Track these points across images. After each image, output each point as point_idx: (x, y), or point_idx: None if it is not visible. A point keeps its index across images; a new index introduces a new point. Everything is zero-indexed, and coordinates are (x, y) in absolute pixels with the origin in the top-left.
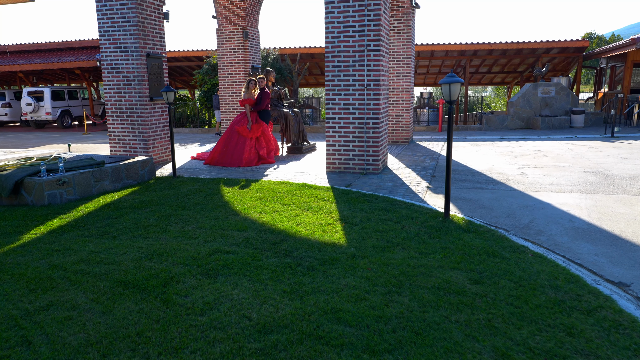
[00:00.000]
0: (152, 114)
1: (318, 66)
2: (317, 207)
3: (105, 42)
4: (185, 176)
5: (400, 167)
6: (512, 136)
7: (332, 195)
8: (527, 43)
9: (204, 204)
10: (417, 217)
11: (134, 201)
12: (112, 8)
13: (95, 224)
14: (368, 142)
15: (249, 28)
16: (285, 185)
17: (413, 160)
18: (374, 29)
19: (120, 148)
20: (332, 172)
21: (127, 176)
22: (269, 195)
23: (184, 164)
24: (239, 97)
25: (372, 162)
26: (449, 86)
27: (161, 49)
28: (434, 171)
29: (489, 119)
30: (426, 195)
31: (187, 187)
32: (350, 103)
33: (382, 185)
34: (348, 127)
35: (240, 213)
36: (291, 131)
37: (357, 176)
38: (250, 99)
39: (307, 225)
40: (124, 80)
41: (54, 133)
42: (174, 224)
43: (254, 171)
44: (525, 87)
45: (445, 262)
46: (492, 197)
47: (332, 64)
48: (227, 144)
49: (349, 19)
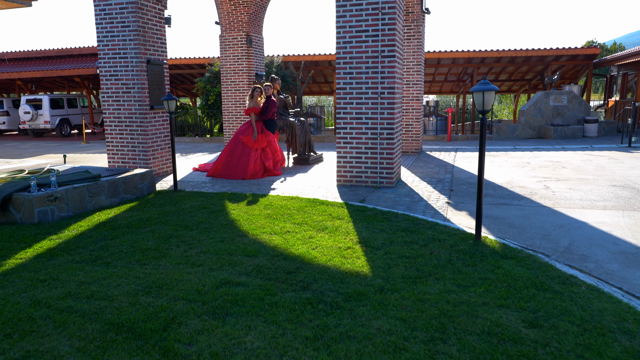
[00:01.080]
0: (153, 124)
1: (322, 74)
2: (333, 227)
3: (104, 48)
4: (187, 190)
5: (415, 180)
6: (525, 146)
7: (347, 212)
8: (536, 50)
9: (208, 223)
10: (445, 240)
11: (132, 219)
12: (111, 12)
13: (88, 246)
14: (382, 154)
15: (252, 34)
16: (295, 200)
17: (426, 172)
18: (388, 34)
19: (118, 159)
20: (344, 186)
21: (125, 190)
22: (279, 213)
23: (185, 175)
24: (242, 106)
25: (386, 175)
26: (482, 94)
27: (162, 55)
28: (451, 184)
29: (499, 128)
30: (448, 212)
31: (189, 203)
32: (363, 112)
33: (399, 200)
34: (360, 137)
35: (248, 234)
36: (297, 141)
37: (370, 190)
38: (256, 107)
39: (324, 249)
40: (123, 88)
41: (52, 142)
42: (175, 248)
43: (260, 184)
44: (537, 95)
45: (489, 298)
46: (520, 214)
47: (344, 70)
48: (231, 155)
49: (361, 23)
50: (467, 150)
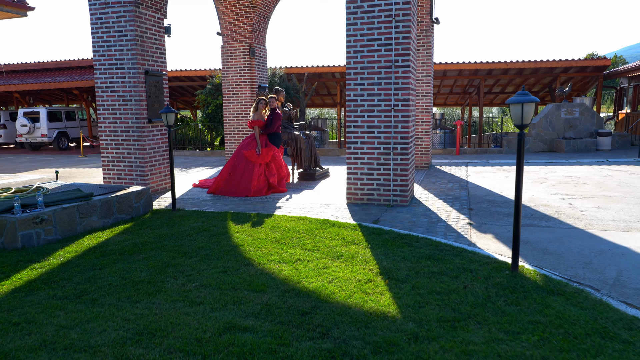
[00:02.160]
0: (151, 138)
1: (325, 86)
2: (348, 253)
3: (100, 58)
4: (186, 209)
5: (429, 197)
6: (538, 160)
7: (361, 236)
8: (544, 62)
9: (209, 249)
10: (477, 270)
11: (125, 244)
12: (107, 21)
13: (74, 277)
14: (395, 170)
15: (255, 45)
16: (303, 221)
17: (440, 188)
18: (402, 43)
19: (114, 175)
20: (354, 204)
21: (119, 210)
22: (287, 236)
23: (185, 192)
24: (244, 119)
25: (399, 193)
26: (522, 107)
27: (161, 66)
28: (469, 202)
29: (509, 141)
30: (472, 235)
31: (188, 224)
32: (375, 126)
33: (416, 221)
34: (372, 152)
35: (254, 263)
36: (303, 156)
37: (383, 209)
38: (260, 120)
39: (341, 282)
40: (119, 100)
41: (49, 156)
42: (171, 280)
43: (264, 202)
44: (548, 107)
45: (547, 350)
46: (552, 237)
47: (355, 81)
48: (234, 171)
49: (373, 31)
50: (478, 164)
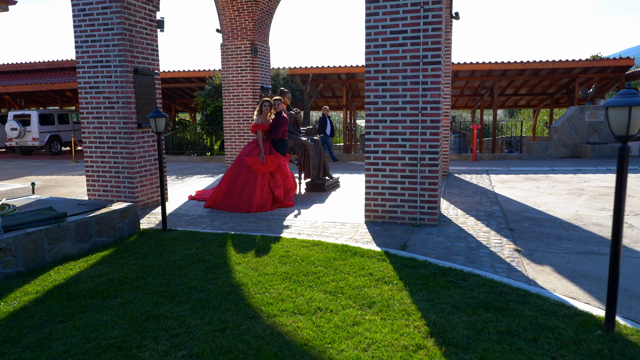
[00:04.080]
0: (141, 145)
1: (330, 88)
2: (382, 299)
3: (83, 55)
4: (179, 228)
5: (458, 213)
6: (564, 167)
7: (392, 270)
8: (563, 62)
9: (203, 289)
10: (558, 329)
11: (100, 280)
12: (91, 13)
13: (23, 337)
14: (423, 184)
15: (258, 43)
16: (318, 248)
17: (467, 202)
18: (432, 35)
19: (99, 187)
20: (374, 223)
21: (98, 232)
22: (300, 270)
23: (179, 206)
24: (246, 122)
25: (427, 211)
26: (629, 111)
27: (153, 64)
28: (507, 221)
29: (529, 146)
30: (526, 267)
31: (180, 251)
32: (399, 132)
33: (451, 246)
34: (396, 163)
35: (261, 314)
36: (311, 164)
37: (408, 229)
38: (264, 124)
39: (381, 350)
40: (105, 103)
41: (39, 161)
42: (151, 344)
43: (269, 220)
44: (570, 110)
45: None
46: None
47: (375, 81)
48: (234, 182)
49: (398, 22)
50: (500, 172)
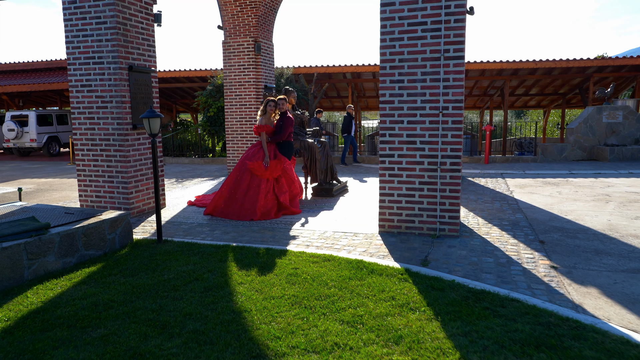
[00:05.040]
0: (136, 147)
1: (335, 87)
2: (410, 332)
3: (74, 51)
4: (175, 239)
5: (479, 222)
6: (583, 171)
7: (417, 292)
8: (577, 61)
9: (199, 318)
10: None
11: (82, 304)
12: (83, 5)
13: None
14: (443, 191)
15: (261, 40)
16: (330, 264)
17: (487, 210)
18: (454, 27)
19: (92, 192)
20: (389, 233)
21: (86, 245)
22: (312, 293)
23: (177, 213)
24: (249, 123)
25: (448, 221)
26: None
27: (149, 61)
28: (534, 231)
29: (545, 148)
30: (568, 289)
31: (175, 268)
32: (418, 134)
33: (479, 262)
34: (413, 168)
35: (267, 354)
36: (318, 167)
37: (427, 241)
38: (269, 125)
39: None
40: (97, 102)
41: (36, 163)
42: None
43: (274, 229)
44: (587, 110)
45: None
46: None
47: (391, 77)
48: (236, 187)
49: (417, 12)
50: (516, 175)
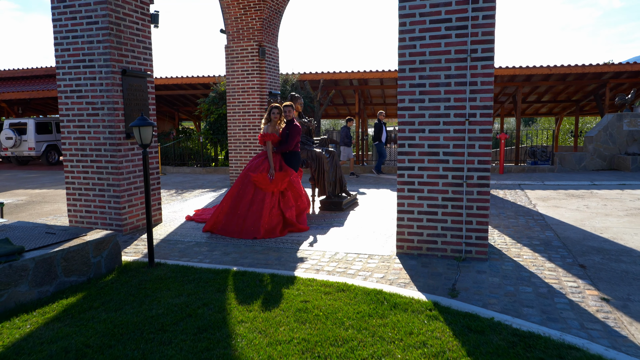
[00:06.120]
0: (129, 158)
1: (341, 95)
2: None
3: (63, 54)
4: (169, 262)
5: (507, 241)
6: (605, 182)
7: (450, 334)
8: (593, 66)
9: None
10: None
11: (49, 353)
12: (73, 4)
13: None
14: (470, 209)
15: (266, 44)
16: (345, 296)
17: (513, 226)
18: (483, 24)
19: (81, 207)
20: (409, 255)
21: (66, 271)
22: (326, 336)
23: (174, 229)
24: (253, 132)
25: (475, 242)
26: None
27: (145, 64)
28: (570, 253)
29: (562, 157)
30: (630, 329)
31: (166, 300)
32: (441, 145)
33: (515, 292)
34: (436, 183)
35: None
36: (326, 179)
37: (453, 265)
38: (274, 134)
39: None
40: (88, 109)
41: (34, 172)
42: None
43: (279, 250)
44: (607, 118)
45: None
46: None
47: (411, 81)
48: (238, 202)
49: (440, 8)
50: (535, 187)
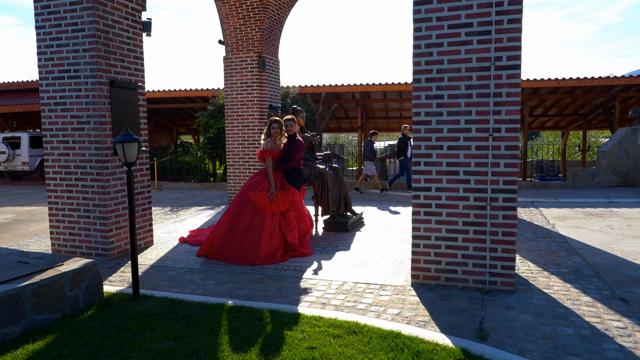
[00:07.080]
0: (117, 176)
1: (342, 108)
2: None
3: (47, 64)
4: (156, 294)
5: (531, 268)
6: (623, 199)
7: None
8: (603, 79)
9: None
10: None
11: None
12: (57, 10)
13: None
14: (495, 235)
15: (266, 56)
16: (358, 341)
17: (535, 250)
18: (508, 29)
19: (65, 229)
20: (425, 286)
21: (37, 308)
22: None
23: (166, 253)
24: (253, 147)
25: (501, 271)
26: None
27: (136, 75)
28: (605, 282)
29: (575, 173)
30: None
31: (148, 345)
32: (461, 163)
33: (554, 335)
34: (456, 205)
35: None
36: (330, 197)
37: (476, 298)
38: (275, 150)
39: None
40: (72, 123)
41: (26, 187)
42: None
43: (280, 277)
44: (621, 132)
45: None
46: None
47: (427, 92)
48: (235, 224)
49: (460, 12)
50: (550, 204)
